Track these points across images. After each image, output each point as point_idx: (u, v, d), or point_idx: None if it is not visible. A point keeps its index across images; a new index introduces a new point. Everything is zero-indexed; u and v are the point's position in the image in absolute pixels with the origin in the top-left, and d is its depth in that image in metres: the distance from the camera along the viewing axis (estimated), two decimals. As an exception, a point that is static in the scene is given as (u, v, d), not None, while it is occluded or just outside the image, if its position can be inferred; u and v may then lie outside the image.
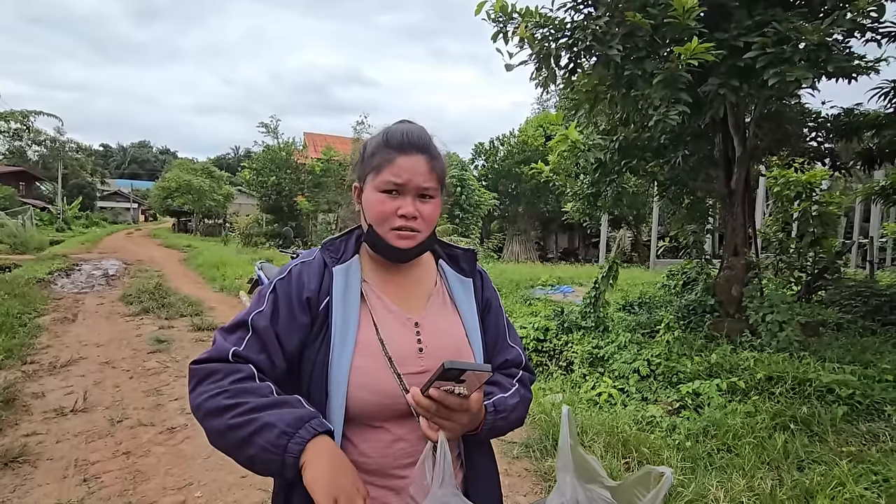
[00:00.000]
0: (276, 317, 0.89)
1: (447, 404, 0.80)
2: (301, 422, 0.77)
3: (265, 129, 20.01)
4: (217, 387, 0.81)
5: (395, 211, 0.90)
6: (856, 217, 13.31)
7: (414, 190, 0.90)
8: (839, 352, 4.34)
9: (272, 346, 0.87)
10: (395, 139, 0.91)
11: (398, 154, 0.90)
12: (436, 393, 0.79)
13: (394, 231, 0.91)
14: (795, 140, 5.37)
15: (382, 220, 0.91)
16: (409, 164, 0.90)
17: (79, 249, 17.19)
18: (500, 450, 3.03)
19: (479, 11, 4.06)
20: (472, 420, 0.86)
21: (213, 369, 0.83)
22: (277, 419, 0.76)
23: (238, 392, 0.79)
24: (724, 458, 2.75)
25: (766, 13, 3.66)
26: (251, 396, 0.79)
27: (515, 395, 0.97)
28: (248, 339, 0.86)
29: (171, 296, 8.38)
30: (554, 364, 4.88)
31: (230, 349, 0.84)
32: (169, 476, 2.82)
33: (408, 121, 0.98)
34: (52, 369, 4.63)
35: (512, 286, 8.99)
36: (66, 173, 36.42)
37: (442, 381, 0.78)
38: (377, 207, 0.91)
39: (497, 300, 1.08)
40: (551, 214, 19.08)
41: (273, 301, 0.90)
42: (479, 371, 0.78)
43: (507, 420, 0.94)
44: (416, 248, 0.93)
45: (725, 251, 5.41)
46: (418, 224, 0.91)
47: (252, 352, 0.85)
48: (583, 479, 0.71)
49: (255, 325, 0.87)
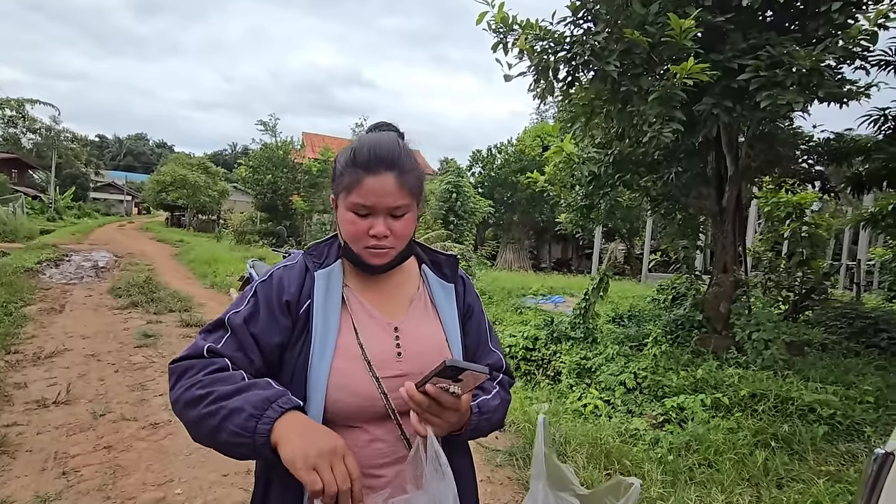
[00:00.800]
0: (255, 318, 0.90)
1: (441, 401, 0.81)
2: (268, 402, 0.78)
3: (263, 127, 20.01)
4: (192, 380, 0.82)
5: (367, 231, 0.90)
6: (845, 239, 13.48)
7: (384, 210, 0.90)
8: (822, 372, 4.40)
9: (248, 345, 0.88)
10: (362, 157, 0.90)
11: (365, 174, 0.88)
12: (432, 389, 0.80)
13: (367, 249, 0.92)
14: (787, 161, 5.46)
15: (355, 239, 0.92)
16: (376, 186, 0.88)
17: (69, 240, 17.02)
18: (483, 457, 3.04)
19: (480, 21, 4.11)
20: (459, 419, 0.87)
21: (189, 365, 0.85)
22: (244, 402, 0.77)
23: (210, 382, 0.81)
24: (704, 473, 2.78)
25: (761, 37, 3.74)
26: (222, 384, 0.80)
27: (497, 396, 0.99)
28: (226, 338, 0.88)
29: (160, 290, 8.32)
30: (542, 373, 4.91)
31: (205, 346, 0.86)
32: (149, 472, 2.80)
33: (384, 124, 0.99)
34: (37, 360, 4.58)
35: (503, 294, 9.02)
36: (61, 163, 36.14)
37: (440, 378, 0.79)
38: (349, 227, 0.91)
39: (479, 305, 1.10)
40: (546, 224, 19.17)
41: (253, 303, 0.92)
42: (477, 372, 0.80)
43: (489, 421, 0.95)
44: (389, 264, 0.95)
45: (715, 268, 5.47)
46: (390, 241, 0.92)
47: (228, 349, 0.87)
48: (555, 486, 0.73)
49: (231, 324, 0.89)
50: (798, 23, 4.14)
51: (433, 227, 13.84)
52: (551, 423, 3.31)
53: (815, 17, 3.86)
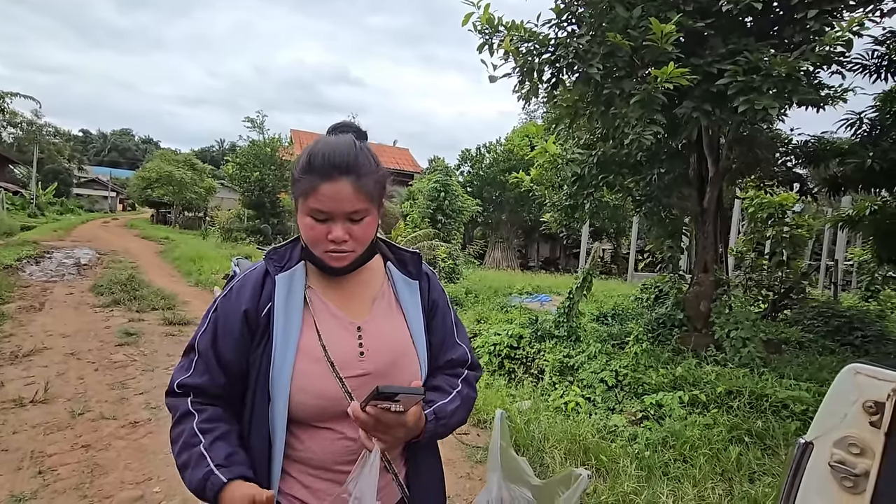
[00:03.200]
0: (216, 336, 0.94)
1: (384, 420, 0.83)
2: (202, 483, 0.86)
3: (251, 124, 19.80)
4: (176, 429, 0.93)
5: (325, 236, 0.91)
6: (825, 240, 13.77)
7: (342, 216, 0.90)
8: (797, 369, 4.50)
9: (212, 366, 0.94)
10: (317, 162, 0.89)
11: (321, 181, 0.88)
12: (372, 410, 0.82)
13: (327, 253, 0.93)
14: (766, 164, 5.57)
15: (314, 244, 0.93)
16: (332, 192, 0.88)
17: (51, 237, 16.72)
18: (463, 454, 3.08)
19: (465, 22, 4.13)
20: (409, 433, 0.89)
21: (169, 404, 0.96)
22: (190, 478, 0.88)
23: (176, 434, 0.92)
24: (679, 468, 2.84)
25: (740, 42, 3.81)
26: (179, 443, 0.91)
27: (456, 398, 1.01)
28: (196, 362, 0.95)
29: (143, 288, 8.22)
30: (525, 371, 4.95)
31: (177, 380, 0.95)
32: (128, 470, 2.78)
33: (343, 125, 0.99)
34: (14, 359, 4.51)
35: (490, 293, 9.06)
36: (42, 157, 35.38)
37: (377, 401, 0.81)
38: (308, 232, 0.92)
39: (444, 301, 1.11)
40: (534, 223, 19.28)
41: (214, 320, 0.95)
42: (412, 395, 0.81)
43: (447, 426, 0.97)
44: (350, 266, 0.97)
45: (696, 268, 5.57)
46: (349, 245, 0.92)
47: (196, 376, 0.94)
48: (510, 479, 0.76)
49: (199, 347, 0.95)
50: (776, 29, 4.23)
51: (421, 226, 13.83)
52: (532, 419, 3.36)
53: (791, 23, 3.95)
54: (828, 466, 0.55)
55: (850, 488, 0.54)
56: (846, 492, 0.54)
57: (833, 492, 0.54)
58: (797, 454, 0.57)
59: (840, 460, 0.54)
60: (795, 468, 0.57)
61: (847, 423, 0.54)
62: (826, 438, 0.56)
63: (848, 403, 0.53)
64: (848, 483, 0.54)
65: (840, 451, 0.54)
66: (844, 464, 0.54)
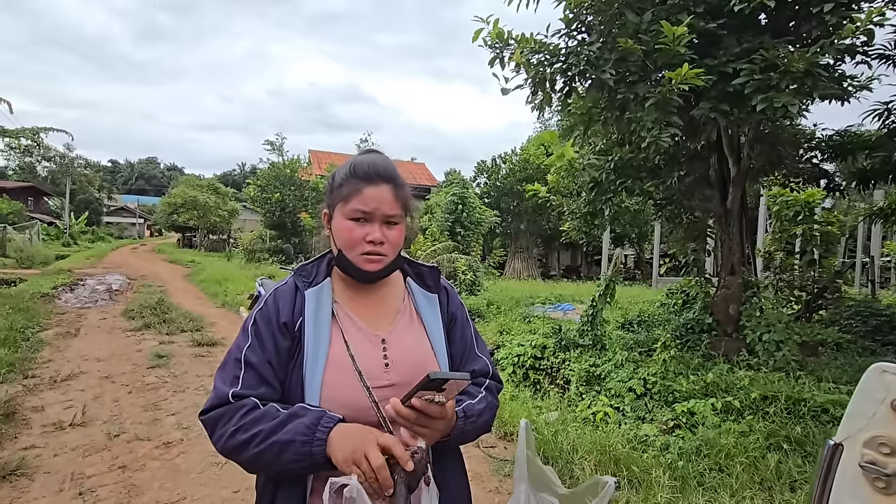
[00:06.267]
0: (263, 347, 0.96)
1: (428, 412, 0.86)
2: (312, 428, 0.86)
3: (271, 146, 20.34)
4: (229, 427, 0.89)
5: (364, 237, 0.97)
6: (859, 236, 13.28)
7: (381, 217, 0.97)
8: (836, 372, 4.33)
9: (269, 376, 0.95)
10: (361, 170, 0.98)
11: (365, 184, 0.97)
12: (418, 402, 0.85)
13: (363, 255, 0.98)
14: (790, 161, 5.44)
15: (352, 245, 0.98)
16: (375, 194, 0.96)
17: (83, 264, 17.35)
18: (491, 467, 3.05)
19: (476, 38, 4.18)
20: (446, 426, 0.92)
21: (219, 414, 0.91)
22: (293, 434, 0.86)
23: (250, 424, 0.88)
24: (715, 478, 2.75)
25: (755, 40, 3.77)
26: (262, 424, 0.88)
27: (482, 400, 1.03)
28: (244, 376, 0.94)
29: (172, 311, 8.45)
30: (551, 382, 4.89)
31: (228, 392, 0.92)
32: (163, 490, 2.84)
33: (375, 150, 1.05)
34: (53, 383, 4.67)
35: (511, 303, 9.00)
36: (74, 189, 36.95)
37: (424, 391, 0.84)
38: (346, 234, 0.98)
39: (463, 313, 1.14)
40: (553, 232, 19.12)
41: (256, 333, 0.97)
42: (460, 379, 0.85)
43: (475, 424, 0.99)
44: (383, 270, 1.01)
45: (722, 270, 5.44)
46: (385, 248, 0.98)
47: (250, 387, 0.93)
48: (537, 488, 0.76)
49: (248, 360, 0.95)
50: (793, 25, 4.16)
51: (440, 240, 13.88)
52: (560, 431, 3.31)
53: (808, 18, 3.89)
54: (858, 467, 0.53)
55: (882, 489, 0.52)
56: (879, 493, 0.53)
57: (866, 493, 0.53)
58: (827, 456, 0.56)
59: (871, 461, 0.53)
60: (826, 470, 0.56)
61: (876, 423, 0.53)
62: (855, 439, 0.55)
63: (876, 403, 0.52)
64: (880, 483, 0.52)
65: (870, 451, 0.53)
66: (875, 464, 0.53)
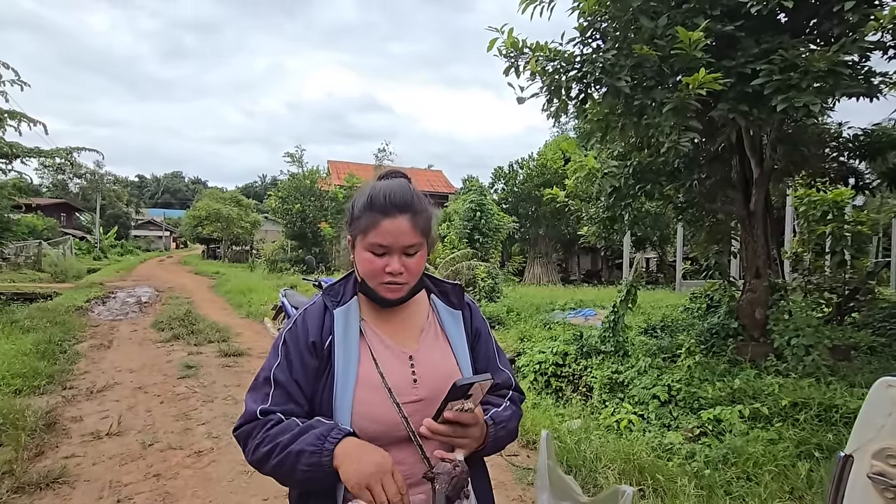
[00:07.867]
0: (292, 366, 1.00)
1: (462, 421, 0.90)
2: (322, 438, 0.90)
3: (290, 158, 20.73)
4: (256, 441, 0.95)
5: (383, 268, 0.99)
6: (894, 234, 12.81)
7: (399, 249, 0.99)
8: (870, 377, 4.19)
9: (296, 394, 0.99)
10: (378, 202, 0.99)
11: (382, 217, 0.97)
12: (451, 414, 0.89)
13: (383, 285, 1.01)
14: (815, 160, 5.33)
15: (372, 276, 1.01)
16: (392, 227, 0.97)
17: (114, 277, 17.92)
18: (514, 476, 3.05)
19: (490, 48, 4.23)
20: (481, 431, 0.96)
21: (249, 430, 0.97)
22: (304, 444, 0.90)
23: (272, 437, 0.93)
24: (743, 487, 2.71)
25: (773, 41, 3.72)
26: (281, 436, 0.92)
27: (508, 409, 1.07)
28: (273, 394, 0.99)
29: (199, 322, 8.67)
30: (573, 389, 4.86)
31: (257, 409, 0.97)
32: (196, 498, 2.93)
33: (394, 172, 1.08)
34: (90, 394, 4.86)
35: (532, 310, 8.96)
36: (104, 204, 38.32)
37: (452, 400, 0.88)
38: (366, 266, 1.01)
39: (486, 329, 1.18)
40: (572, 237, 18.96)
41: (285, 353, 1.02)
42: (483, 381, 0.88)
43: (506, 429, 1.04)
44: (404, 297, 1.04)
45: (747, 273, 5.34)
46: (404, 277, 1.01)
47: (278, 404, 0.98)
48: (558, 497, 0.78)
49: (276, 379, 1.00)
50: (814, 23, 4.10)
51: (459, 247, 13.92)
52: (583, 439, 3.29)
53: (828, 17, 3.82)
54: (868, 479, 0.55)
55: (892, 499, 0.53)
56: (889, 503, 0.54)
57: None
58: (838, 467, 0.57)
59: (879, 472, 0.54)
60: (837, 481, 0.57)
61: (884, 435, 0.54)
62: (865, 451, 0.56)
63: (883, 415, 0.53)
64: (889, 494, 0.53)
65: (879, 462, 0.54)
66: (884, 475, 0.54)
